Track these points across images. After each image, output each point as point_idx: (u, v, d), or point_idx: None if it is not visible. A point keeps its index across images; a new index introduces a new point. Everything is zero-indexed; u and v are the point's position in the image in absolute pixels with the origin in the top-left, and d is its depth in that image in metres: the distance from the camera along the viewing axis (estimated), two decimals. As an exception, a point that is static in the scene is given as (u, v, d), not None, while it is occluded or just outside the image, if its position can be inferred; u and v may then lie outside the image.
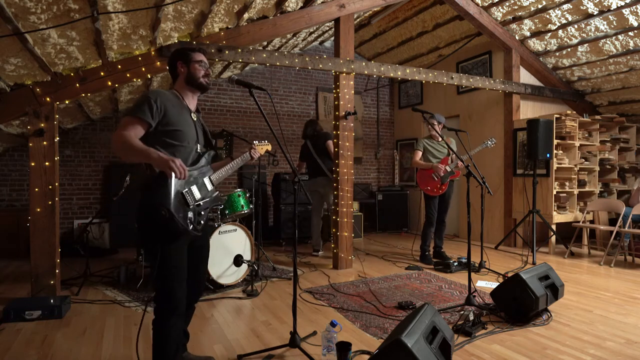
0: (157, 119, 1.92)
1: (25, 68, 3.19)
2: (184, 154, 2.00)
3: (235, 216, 4.02)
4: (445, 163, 4.70)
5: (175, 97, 2.06)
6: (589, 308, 3.24)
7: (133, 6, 2.98)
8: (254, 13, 4.03)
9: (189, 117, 2.06)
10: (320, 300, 3.43)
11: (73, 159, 5.82)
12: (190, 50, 2.10)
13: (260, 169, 4.52)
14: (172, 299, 1.92)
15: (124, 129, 1.86)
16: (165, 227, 1.86)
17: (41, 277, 3.43)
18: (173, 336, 1.96)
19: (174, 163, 1.79)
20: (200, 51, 2.13)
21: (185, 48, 2.11)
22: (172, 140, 1.96)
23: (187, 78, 2.09)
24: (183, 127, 1.99)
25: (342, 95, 4.50)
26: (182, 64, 2.08)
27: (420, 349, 1.86)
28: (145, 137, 1.92)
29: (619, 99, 6.13)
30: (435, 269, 4.50)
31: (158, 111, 1.91)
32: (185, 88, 2.11)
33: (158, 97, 1.94)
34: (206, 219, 2.09)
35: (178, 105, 2.03)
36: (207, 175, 2.12)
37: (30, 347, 2.56)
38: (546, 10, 5.01)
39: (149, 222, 1.89)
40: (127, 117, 1.90)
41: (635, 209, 4.81)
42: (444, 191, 4.72)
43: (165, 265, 1.89)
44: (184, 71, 2.08)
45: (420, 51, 7.17)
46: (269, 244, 6.08)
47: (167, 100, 1.98)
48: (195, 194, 2.00)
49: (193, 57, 2.08)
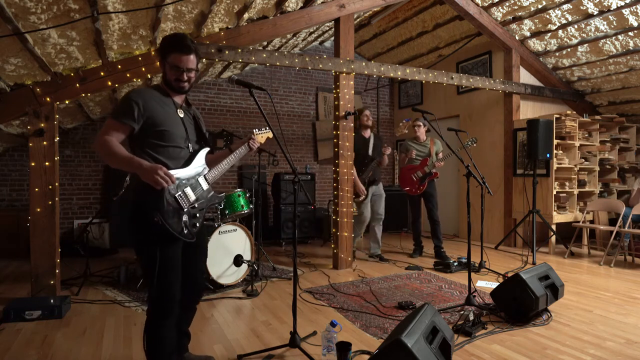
0: (141, 121, 1.84)
1: (25, 68, 3.19)
2: (173, 154, 1.92)
3: (235, 216, 4.02)
4: (425, 164, 4.89)
5: (160, 92, 1.96)
6: (589, 308, 3.24)
7: (133, 6, 2.98)
8: (254, 13, 4.03)
9: (175, 114, 1.96)
10: (320, 300, 3.43)
11: (73, 159, 5.81)
12: (171, 48, 1.90)
13: (260, 169, 4.51)
14: (166, 301, 1.88)
15: (106, 134, 1.80)
16: (159, 231, 1.81)
17: (41, 277, 3.43)
18: (167, 339, 1.91)
19: (157, 174, 1.73)
20: (183, 51, 1.90)
21: (170, 42, 1.92)
22: (159, 141, 1.88)
23: (164, 76, 1.98)
24: (169, 126, 1.91)
25: (342, 95, 4.50)
26: (160, 59, 1.94)
27: (420, 349, 1.86)
28: (131, 139, 1.87)
29: (619, 99, 6.13)
30: (435, 269, 4.50)
31: (141, 112, 1.83)
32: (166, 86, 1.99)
33: (140, 96, 1.85)
34: (202, 220, 2.03)
35: (162, 102, 1.93)
36: (202, 174, 2.02)
37: (30, 347, 2.56)
38: (546, 10, 5.01)
39: (142, 227, 1.84)
40: (110, 120, 1.83)
41: (635, 209, 4.81)
42: (422, 191, 4.94)
43: (159, 269, 1.83)
44: (163, 70, 1.95)
45: (420, 51, 7.17)
46: (269, 244, 6.08)
47: (151, 98, 1.89)
48: (190, 196, 1.93)
49: (169, 59, 1.91)
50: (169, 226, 1.81)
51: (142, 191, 1.82)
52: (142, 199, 1.82)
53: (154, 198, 1.80)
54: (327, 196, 7.28)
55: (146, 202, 1.81)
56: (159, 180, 1.74)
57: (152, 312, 1.90)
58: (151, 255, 1.83)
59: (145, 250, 1.86)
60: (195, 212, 1.96)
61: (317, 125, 7.33)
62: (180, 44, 1.91)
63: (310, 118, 7.32)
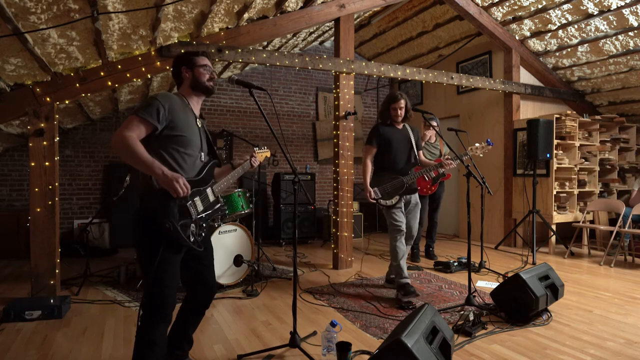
0: (164, 123, 1.88)
1: (25, 68, 3.19)
2: (189, 162, 1.97)
3: (235, 216, 4.02)
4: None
5: (182, 101, 2.02)
6: (589, 308, 3.24)
7: (133, 6, 2.98)
8: (254, 13, 4.03)
9: (194, 123, 2.02)
10: (320, 300, 3.43)
11: (73, 159, 5.81)
12: (193, 54, 2.09)
13: (261, 169, 4.51)
14: (163, 307, 1.88)
15: (128, 129, 1.80)
16: (167, 239, 1.83)
17: (41, 277, 3.43)
18: (159, 345, 1.89)
19: (177, 183, 1.77)
20: (204, 55, 2.11)
21: (189, 53, 2.11)
22: (178, 146, 1.92)
23: (192, 83, 2.06)
24: (188, 133, 1.96)
25: (342, 95, 4.50)
26: (186, 69, 2.06)
27: (420, 349, 1.86)
28: (149, 140, 1.88)
29: (619, 99, 6.13)
30: (435, 269, 4.50)
31: (165, 115, 1.88)
32: (191, 93, 2.08)
33: (167, 100, 1.91)
34: (207, 229, 2.07)
35: (184, 110, 2.00)
36: (210, 186, 2.09)
37: (30, 347, 2.56)
38: (546, 10, 5.01)
39: (149, 232, 1.85)
40: (133, 116, 1.84)
41: (635, 209, 4.81)
42: (433, 192, 4.86)
43: (161, 273, 1.85)
44: (188, 76, 2.06)
45: (420, 51, 7.17)
46: (269, 244, 6.09)
47: (175, 104, 1.95)
48: (198, 206, 1.97)
49: (197, 62, 2.06)
50: (181, 234, 1.83)
51: (153, 197, 1.84)
52: (153, 205, 1.84)
53: (166, 205, 1.82)
54: (327, 196, 7.28)
55: (158, 209, 1.82)
56: (178, 190, 1.78)
57: (145, 317, 1.89)
58: (152, 260, 1.83)
59: (147, 254, 1.86)
60: (202, 222, 2.00)
61: (317, 125, 7.33)
62: (197, 50, 2.10)
63: (310, 118, 7.32)
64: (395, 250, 3.46)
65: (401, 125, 3.69)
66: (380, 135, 3.58)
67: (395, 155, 3.54)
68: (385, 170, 3.54)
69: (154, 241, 1.84)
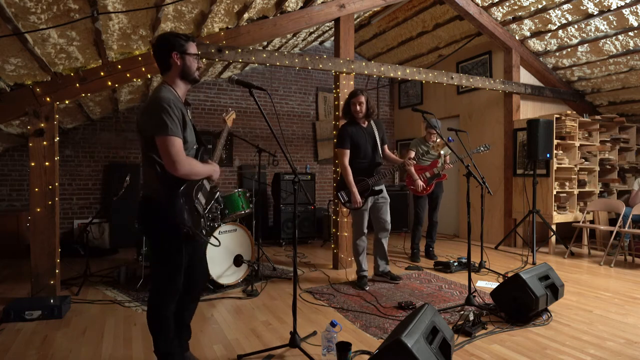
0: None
1: (25, 68, 3.19)
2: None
3: (235, 216, 4.02)
4: (434, 165, 4.84)
5: (175, 96, 1.92)
6: (589, 308, 3.24)
7: (133, 6, 2.99)
8: (254, 13, 4.03)
9: (188, 117, 1.96)
10: (320, 300, 3.43)
11: (73, 159, 5.82)
12: (184, 38, 1.95)
13: (260, 169, 4.51)
14: (174, 287, 1.98)
15: (178, 156, 1.80)
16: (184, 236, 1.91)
17: (41, 277, 3.43)
18: (169, 320, 2.01)
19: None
20: (194, 41, 2.01)
21: (178, 36, 1.95)
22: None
23: (183, 72, 1.96)
24: (188, 132, 1.92)
25: (342, 95, 4.50)
26: (177, 55, 1.93)
27: (420, 349, 1.86)
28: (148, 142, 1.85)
29: (619, 99, 6.13)
30: (435, 269, 4.50)
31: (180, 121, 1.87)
32: (179, 82, 1.98)
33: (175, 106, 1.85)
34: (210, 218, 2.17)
35: (181, 105, 1.92)
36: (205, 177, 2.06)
37: (30, 347, 2.56)
38: (546, 10, 5.01)
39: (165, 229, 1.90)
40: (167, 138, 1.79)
41: (635, 209, 4.81)
42: (429, 192, 4.88)
43: (173, 258, 1.94)
44: (180, 64, 1.94)
45: (420, 51, 7.17)
46: (269, 244, 6.09)
47: (179, 102, 1.90)
48: (202, 200, 2.00)
49: (190, 49, 1.95)
50: (198, 234, 1.93)
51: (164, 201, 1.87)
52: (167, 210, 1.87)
53: (179, 210, 1.86)
54: (327, 196, 7.28)
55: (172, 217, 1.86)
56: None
57: (162, 296, 1.99)
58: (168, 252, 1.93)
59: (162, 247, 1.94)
60: (208, 213, 2.07)
61: (317, 125, 7.33)
62: (187, 34, 1.98)
63: (310, 118, 7.32)
64: (356, 248, 3.82)
65: (366, 123, 3.74)
66: (350, 136, 3.64)
67: (362, 156, 3.64)
68: (352, 172, 3.63)
69: (169, 237, 1.91)
